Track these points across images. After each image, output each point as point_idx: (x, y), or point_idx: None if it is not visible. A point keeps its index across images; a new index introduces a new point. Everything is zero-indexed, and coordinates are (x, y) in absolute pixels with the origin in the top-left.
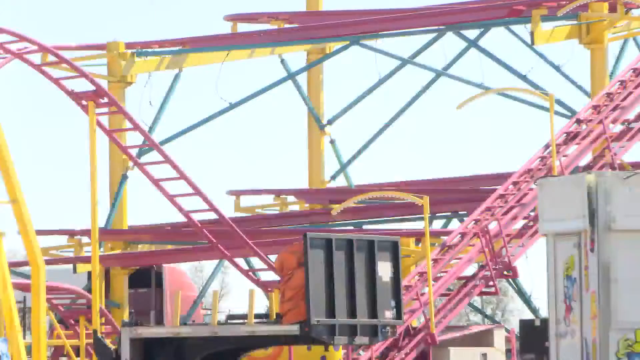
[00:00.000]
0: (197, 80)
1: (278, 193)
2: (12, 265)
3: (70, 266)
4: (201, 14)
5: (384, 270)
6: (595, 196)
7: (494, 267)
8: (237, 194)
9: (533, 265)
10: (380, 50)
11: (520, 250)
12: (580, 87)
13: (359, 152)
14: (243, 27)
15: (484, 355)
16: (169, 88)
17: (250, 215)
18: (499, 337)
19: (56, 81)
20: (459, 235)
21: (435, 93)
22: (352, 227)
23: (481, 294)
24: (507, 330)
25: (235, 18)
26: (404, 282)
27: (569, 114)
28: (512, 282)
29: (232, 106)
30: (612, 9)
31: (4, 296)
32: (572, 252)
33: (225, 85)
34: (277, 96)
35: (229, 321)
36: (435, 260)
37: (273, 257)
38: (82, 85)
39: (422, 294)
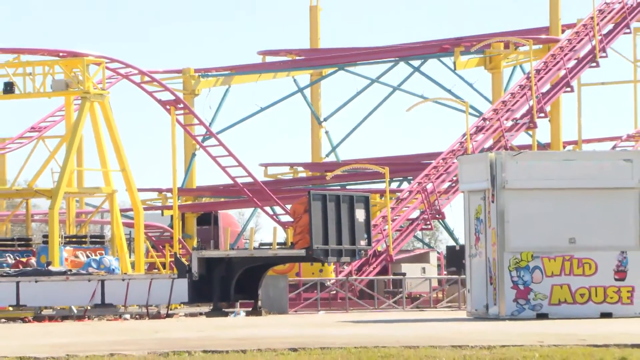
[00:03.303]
0: (240, 92)
1: (292, 165)
2: (122, 210)
3: (159, 211)
4: (243, 50)
5: (360, 214)
6: (495, 167)
7: (430, 212)
8: (266, 165)
9: (455, 211)
10: (357, 73)
11: (447, 201)
12: (485, 97)
13: (344, 139)
14: (269, 59)
15: (423, 268)
16: (222, 97)
17: (274, 180)
18: (433, 257)
19: (150, 93)
20: (408, 192)
21: (393, 101)
22: (339, 187)
23: (422, 229)
24: (438, 253)
25: (264, 53)
26: (372, 222)
27: (478, 114)
28: (441, 222)
29: (262, 109)
30: (507, 46)
31: (117, 231)
32: (480, 203)
33: (258, 95)
34: (291, 103)
35: (260, 247)
36: (392, 208)
37: (288, 206)
38: (166, 96)
39: (384, 230)
